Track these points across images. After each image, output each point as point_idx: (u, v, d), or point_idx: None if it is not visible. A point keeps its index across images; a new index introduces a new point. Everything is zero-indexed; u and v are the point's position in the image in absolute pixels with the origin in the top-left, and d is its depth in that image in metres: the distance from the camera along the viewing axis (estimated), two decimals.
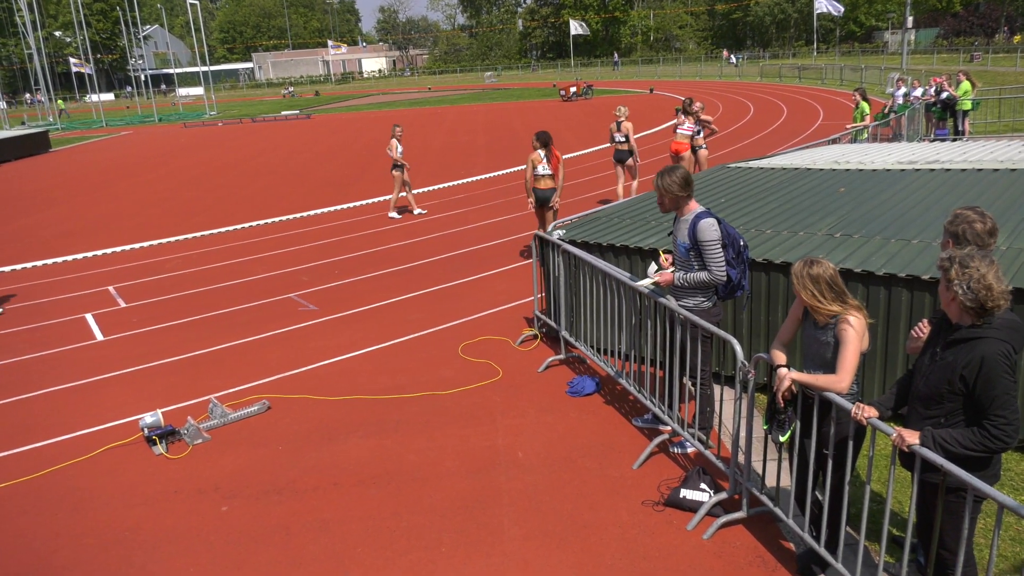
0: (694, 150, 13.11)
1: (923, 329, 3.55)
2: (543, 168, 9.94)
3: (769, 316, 5.95)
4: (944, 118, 18.17)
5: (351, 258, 11.61)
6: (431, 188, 17.36)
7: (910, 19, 44.46)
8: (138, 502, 5.20)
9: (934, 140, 16.17)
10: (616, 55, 79.40)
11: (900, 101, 18.29)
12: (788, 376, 3.78)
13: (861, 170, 9.34)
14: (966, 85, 17.72)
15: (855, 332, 3.60)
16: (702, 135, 13.12)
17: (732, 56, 70.28)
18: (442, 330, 8.20)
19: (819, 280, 3.63)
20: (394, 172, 14.09)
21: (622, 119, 12.53)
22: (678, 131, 13.05)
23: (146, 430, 5.99)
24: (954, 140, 15.81)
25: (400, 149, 13.94)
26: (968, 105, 18.09)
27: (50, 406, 6.88)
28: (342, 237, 13.02)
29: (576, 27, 66.77)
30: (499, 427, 5.95)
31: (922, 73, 34.84)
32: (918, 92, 18.56)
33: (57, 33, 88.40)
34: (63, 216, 17.25)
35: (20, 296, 10.63)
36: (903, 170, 9.10)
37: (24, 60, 67.69)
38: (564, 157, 11.96)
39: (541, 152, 9.90)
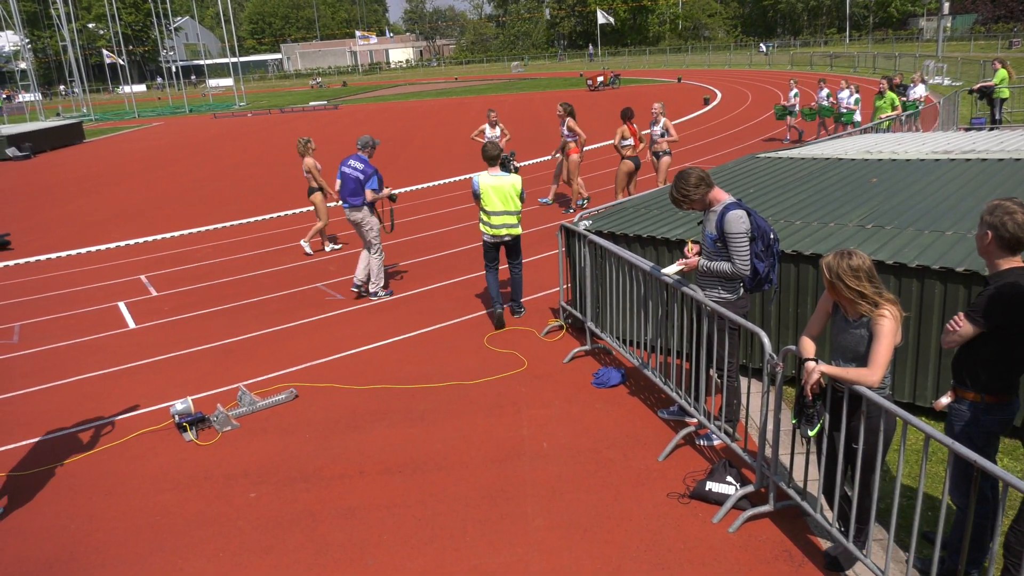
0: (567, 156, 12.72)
1: (959, 323, 3.47)
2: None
3: (798, 308, 5.87)
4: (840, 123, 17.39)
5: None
6: (457, 179, 17.36)
7: (946, 5, 43.49)
8: (169, 487, 5.29)
9: (969, 129, 15.81)
10: (591, 47, 78.97)
11: (916, 96, 17.16)
12: (817, 369, 3.72)
13: (894, 160, 9.17)
14: (1003, 73, 17.29)
15: (891, 326, 3.53)
16: (665, 139, 12.23)
17: (762, 44, 69.30)
18: (468, 320, 8.21)
19: (859, 271, 3.56)
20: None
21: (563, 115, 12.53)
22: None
23: (176, 417, 6.09)
24: (991, 129, 15.46)
25: (489, 133, 13.75)
26: (1006, 93, 17.66)
27: (84, 393, 7.02)
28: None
29: (603, 16, 66.30)
30: (524, 417, 5.96)
31: (957, 60, 34.08)
32: (920, 91, 17.28)
33: (90, 25, 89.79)
34: (97, 205, 17.55)
35: (55, 284, 10.85)
36: (937, 160, 8.91)
37: (59, 52, 68.84)
38: (594, 147, 12.05)
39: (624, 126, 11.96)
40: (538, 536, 4.48)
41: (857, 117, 16.96)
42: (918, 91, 17.23)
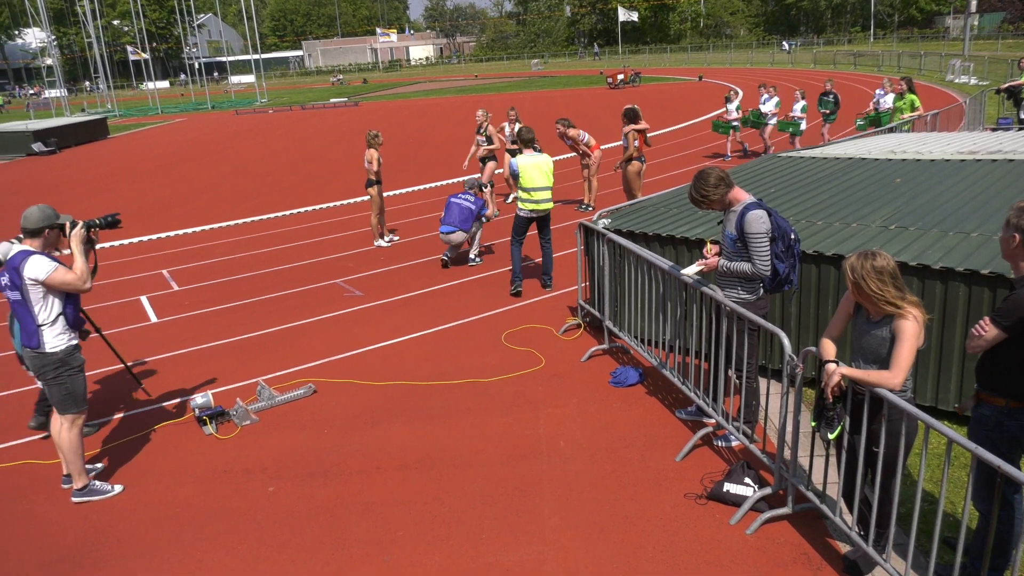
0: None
1: (984, 327, 3.41)
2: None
3: (819, 309, 5.82)
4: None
5: (395, 245, 11.71)
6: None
7: (973, 3, 42.87)
8: (188, 480, 5.34)
9: (996, 129, 15.55)
10: (596, 46, 79.22)
11: (888, 106, 15.06)
12: (838, 371, 3.69)
13: (918, 160, 9.06)
14: None
15: (914, 328, 3.48)
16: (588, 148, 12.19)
17: (785, 42, 68.72)
18: (485, 318, 8.22)
19: (883, 272, 3.52)
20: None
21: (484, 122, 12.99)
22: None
23: (197, 410, 6.16)
24: (1018, 129, 15.21)
25: (508, 131, 13.88)
26: None
27: (106, 386, 7.11)
28: (387, 224, 13.12)
29: (625, 14, 66.04)
30: (541, 416, 5.95)
31: (984, 59, 33.58)
32: (889, 100, 15.04)
33: (115, 22, 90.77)
34: (121, 200, 17.75)
35: None
36: (963, 160, 8.79)
37: (84, 49, 69.70)
38: (612, 145, 11.91)
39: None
40: (554, 535, 4.48)
41: (803, 126, 16.40)
42: (887, 101, 15.19)
